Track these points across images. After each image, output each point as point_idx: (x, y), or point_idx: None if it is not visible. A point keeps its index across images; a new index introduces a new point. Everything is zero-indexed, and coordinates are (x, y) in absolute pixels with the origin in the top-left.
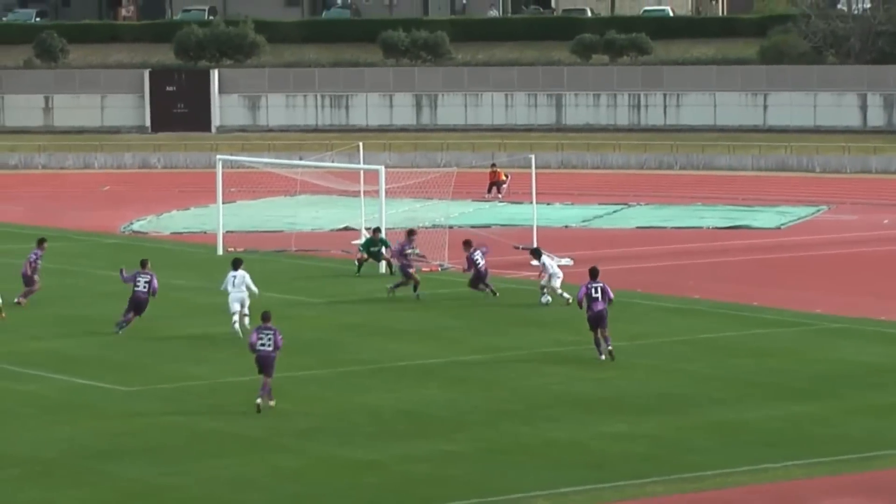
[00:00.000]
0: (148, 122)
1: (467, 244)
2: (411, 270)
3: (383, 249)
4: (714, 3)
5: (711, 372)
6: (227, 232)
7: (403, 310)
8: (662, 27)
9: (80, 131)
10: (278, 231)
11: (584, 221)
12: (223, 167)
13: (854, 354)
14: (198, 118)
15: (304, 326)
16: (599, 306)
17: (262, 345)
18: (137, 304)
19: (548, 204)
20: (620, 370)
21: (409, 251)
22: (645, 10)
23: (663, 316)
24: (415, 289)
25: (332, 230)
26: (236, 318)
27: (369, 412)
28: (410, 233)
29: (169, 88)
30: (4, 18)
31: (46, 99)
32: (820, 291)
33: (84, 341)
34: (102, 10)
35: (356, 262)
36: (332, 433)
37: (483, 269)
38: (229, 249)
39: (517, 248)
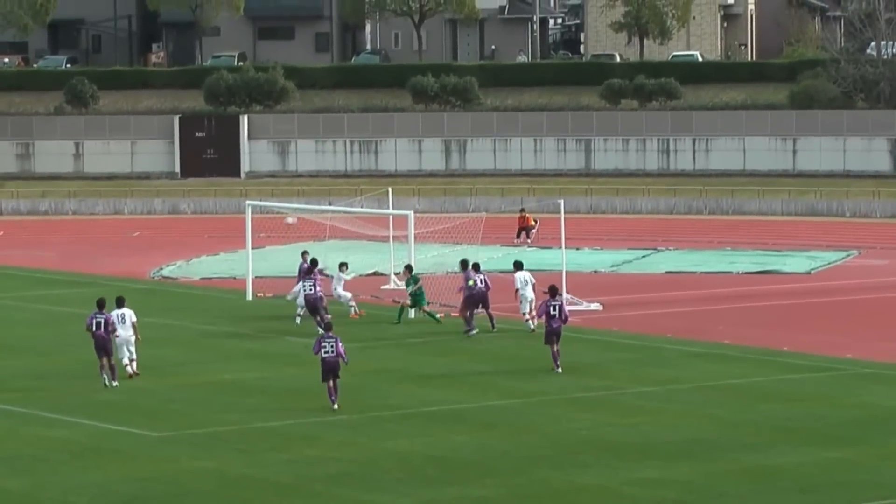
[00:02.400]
0: (178, 168)
1: (465, 265)
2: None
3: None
4: (743, 48)
5: (742, 417)
6: (257, 277)
7: (432, 355)
8: (691, 72)
9: (111, 177)
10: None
11: (613, 266)
12: (252, 212)
13: (886, 399)
14: (227, 164)
15: None
16: (556, 323)
17: (326, 352)
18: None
19: (577, 249)
20: (650, 415)
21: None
22: (674, 56)
23: (693, 361)
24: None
25: (361, 275)
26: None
27: (399, 458)
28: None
29: (199, 134)
30: (36, 65)
31: (77, 145)
32: (851, 336)
33: (114, 387)
34: (133, 57)
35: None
36: (362, 479)
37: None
38: (258, 295)
39: (546, 293)
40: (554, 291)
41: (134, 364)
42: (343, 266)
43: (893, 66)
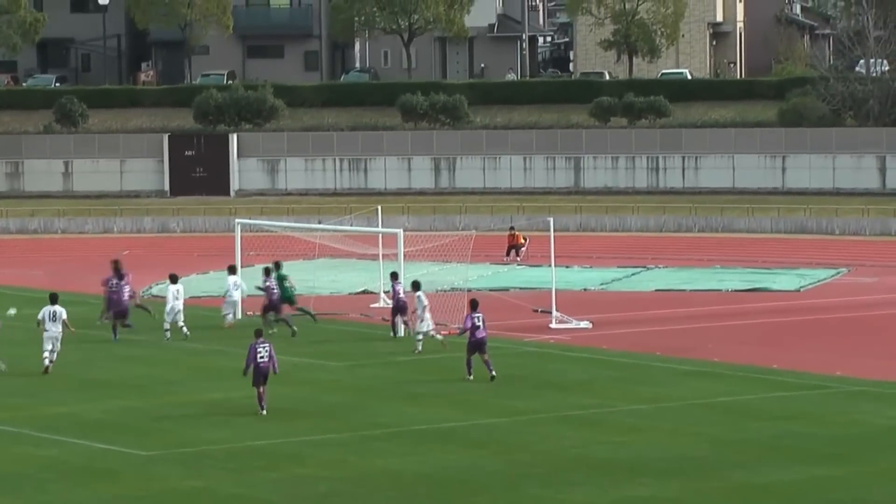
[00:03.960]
0: (167, 187)
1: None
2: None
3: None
4: (732, 66)
5: (732, 435)
6: (248, 296)
7: (423, 373)
8: (681, 90)
9: (100, 196)
10: (297, 294)
11: (602, 284)
12: (242, 231)
13: (875, 417)
14: (217, 182)
15: (323, 390)
16: (482, 334)
17: (262, 357)
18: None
19: (566, 267)
20: (640, 433)
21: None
22: (663, 74)
23: (683, 379)
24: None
25: (350, 293)
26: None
27: (389, 476)
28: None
29: (188, 153)
30: (25, 84)
31: (66, 164)
32: (840, 354)
33: (103, 406)
34: (122, 76)
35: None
36: (352, 498)
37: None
38: (248, 313)
39: (536, 311)
40: (475, 304)
41: (53, 356)
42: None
43: (882, 83)
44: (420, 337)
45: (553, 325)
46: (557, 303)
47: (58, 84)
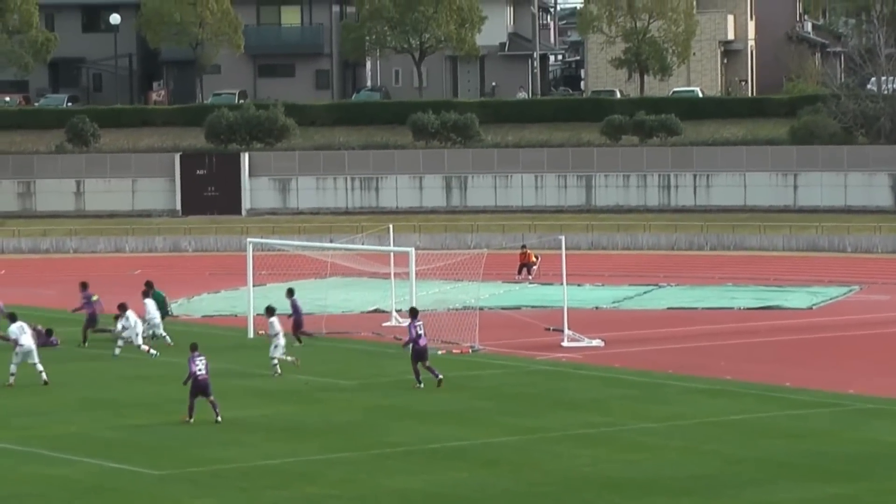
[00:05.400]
0: (179, 206)
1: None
2: None
3: None
4: (744, 84)
5: (744, 453)
6: (258, 315)
7: (434, 392)
8: (692, 108)
9: (112, 215)
10: (309, 314)
11: (614, 303)
12: (254, 250)
13: (888, 435)
14: (228, 201)
15: (334, 409)
16: (424, 342)
17: (200, 370)
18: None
19: (578, 285)
20: (652, 452)
21: None
22: (674, 92)
23: (695, 397)
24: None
25: (362, 312)
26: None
27: (399, 495)
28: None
29: (199, 172)
30: (37, 104)
31: (78, 183)
32: (853, 372)
33: (113, 425)
34: (133, 95)
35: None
36: None
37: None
38: (259, 333)
39: (548, 329)
40: (416, 313)
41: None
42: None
43: (894, 101)
44: (274, 361)
45: (565, 344)
46: (569, 321)
47: (69, 104)
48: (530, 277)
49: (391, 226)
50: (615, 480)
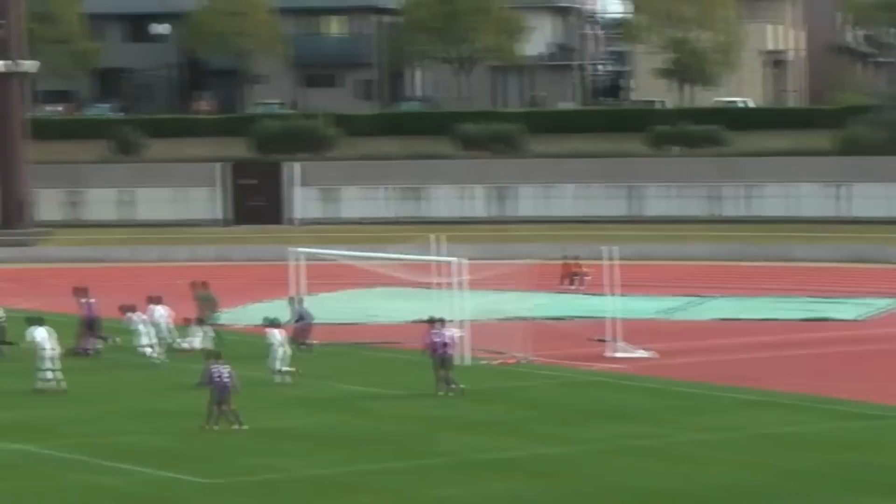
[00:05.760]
0: (225, 215)
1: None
2: None
3: None
4: (794, 94)
5: (794, 466)
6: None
7: (481, 402)
8: (738, 118)
9: (158, 225)
10: (355, 323)
11: (661, 313)
12: (300, 260)
13: None
14: (274, 211)
15: (380, 419)
16: (448, 350)
17: (221, 377)
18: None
19: (626, 296)
20: (703, 464)
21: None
22: (718, 101)
23: (745, 409)
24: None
25: (408, 322)
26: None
27: None
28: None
29: (246, 181)
30: (83, 114)
31: (125, 193)
32: None
33: (165, 434)
34: (179, 105)
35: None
36: None
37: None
38: (305, 342)
39: (595, 340)
40: (435, 321)
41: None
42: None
43: None
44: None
45: (613, 354)
46: (617, 332)
47: (116, 113)
48: (578, 288)
49: (434, 236)
50: (668, 493)
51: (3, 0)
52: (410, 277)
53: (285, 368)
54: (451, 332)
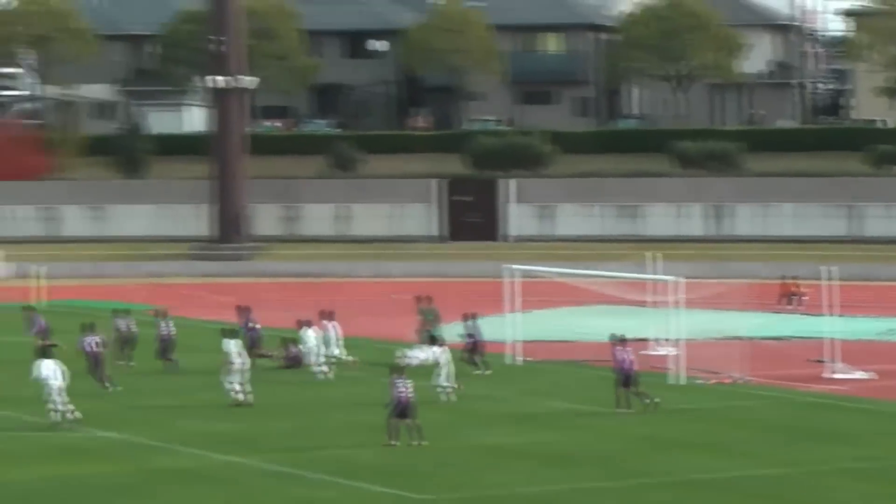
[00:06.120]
0: (441, 231)
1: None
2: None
3: None
4: None
5: None
6: (520, 341)
7: (696, 421)
8: None
9: (374, 240)
10: (569, 341)
11: (882, 335)
12: (514, 276)
13: None
14: (489, 227)
15: (595, 437)
16: (629, 366)
17: (402, 391)
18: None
19: (844, 316)
20: None
21: None
22: None
23: None
24: None
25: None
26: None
27: None
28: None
29: (461, 198)
30: (301, 129)
31: (342, 208)
32: None
33: (375, 449)
34: (396, 121)
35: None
36: None
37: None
38: (526, 359)
39: (814, 361)
40: (618, 339)
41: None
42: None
43: None
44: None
45: (831, 376)
46: (836, 353)
47: (332, 129)
48: (796, 307)
49: (650, 254)
50: None
51: (224, 17)
52: (625, 295)
53: (448, 384)
54: (666, 349)
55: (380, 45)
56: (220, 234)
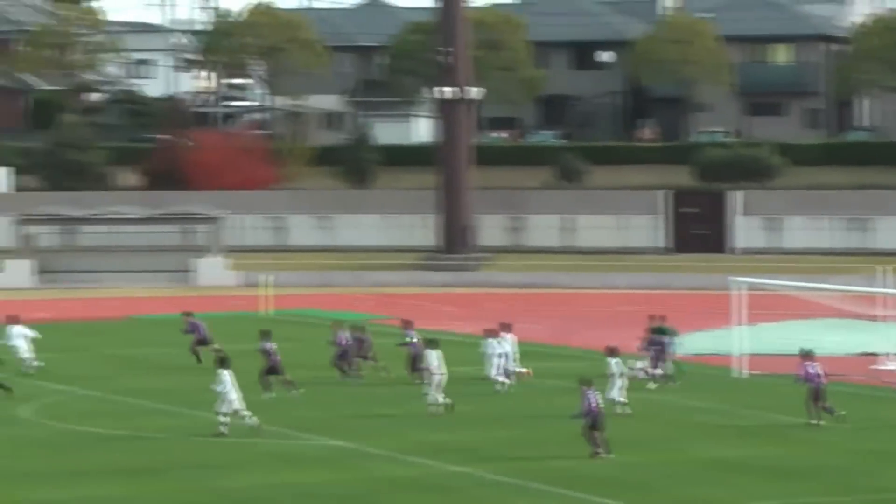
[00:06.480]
0: (667, 243)
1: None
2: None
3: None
4: None
5: None
6: (747, 354)
7: None
8: None
9: (600, 251)
10: (796, 355)
11: None
12: (741, 289)
13: None
14: (716, 240)
15: (820, 451)
16: (819, 380)
17: (593, 403)
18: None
19: None
20: None
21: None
22: None
23: None
24: None
25: (852, 354)
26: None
27: None
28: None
29: (688, 210)
30: (527, 140)
31: (567, 219)
32: None
33: (602, 461)
34: (622, 132)
35: None
36: None
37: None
38: (750, 373)
39: None
40: (806, 353)
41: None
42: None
43: None
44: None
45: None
46: None
47: (558, 140)
48: None
49: (881, 268)
50: None
51: (451, 29)
52: (855, 309)
53: (622, 399)
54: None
55: (607, 56)
56: (445, 245)
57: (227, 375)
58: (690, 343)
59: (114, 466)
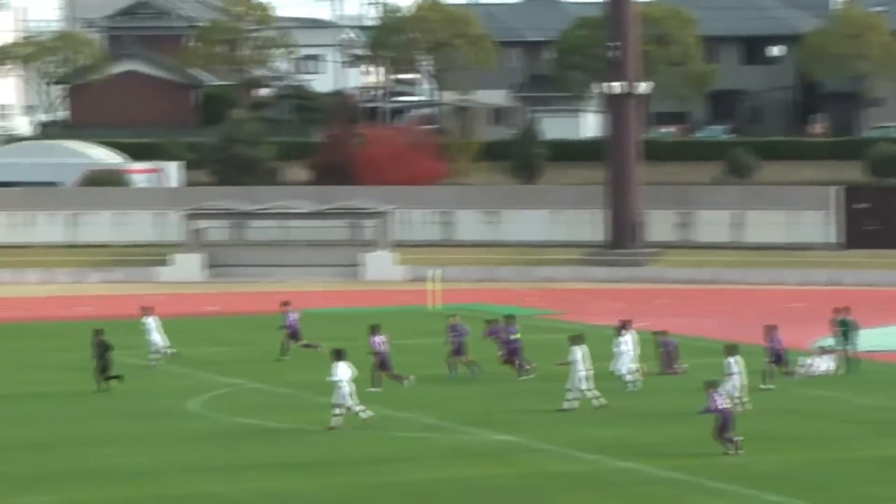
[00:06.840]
0: (839, 239)
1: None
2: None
3: None
4: None
5: None
6: None
7: None
8: None
9: (769, 247)
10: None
11: None
12: None
13: None
14: (889, 235)
15: None
16: None
17: (720, 404)
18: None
19: None
20: None
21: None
22: None
23: None
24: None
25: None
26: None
27: None
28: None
29: (860, 205)
30: (696, 135)
31: (736, 215)
32: None
33: (778, 458)
34: (792, 127)
35: None
36: None
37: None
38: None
39: None
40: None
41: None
42: None
43: None
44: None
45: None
46: None
47: (728, 135)
48: None
49: None
50: None
51: (620, 23)
52: None
53: (744, 399)
54: None
55: (777, 51)
56: (613, 240)
57: (342, 367)
58: (863, 340)
59: (283, 460)
